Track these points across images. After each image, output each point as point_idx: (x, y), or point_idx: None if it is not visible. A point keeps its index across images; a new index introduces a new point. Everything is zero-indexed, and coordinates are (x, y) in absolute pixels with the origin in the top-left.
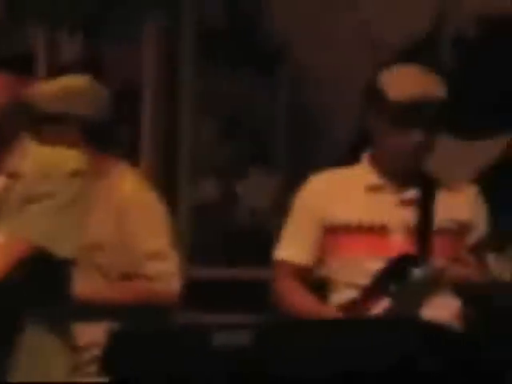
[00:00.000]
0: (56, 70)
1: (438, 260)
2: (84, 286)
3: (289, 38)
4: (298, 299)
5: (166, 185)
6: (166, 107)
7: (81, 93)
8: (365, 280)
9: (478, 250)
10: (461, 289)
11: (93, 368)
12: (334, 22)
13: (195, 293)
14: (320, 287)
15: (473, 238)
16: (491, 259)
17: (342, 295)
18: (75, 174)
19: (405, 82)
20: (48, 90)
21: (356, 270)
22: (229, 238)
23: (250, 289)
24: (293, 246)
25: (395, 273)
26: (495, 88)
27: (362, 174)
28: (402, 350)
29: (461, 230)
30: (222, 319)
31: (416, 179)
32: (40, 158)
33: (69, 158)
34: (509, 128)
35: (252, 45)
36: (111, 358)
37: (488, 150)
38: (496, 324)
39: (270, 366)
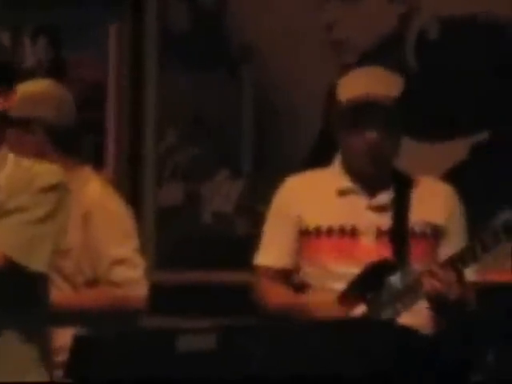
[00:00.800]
0: (20, 75)
1: (413, 264)
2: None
3: (254, 39)
4: (284, 297)
5: (131, 188)
6: (131, 110)
7: (45, 97)
8: (337, 284)
9: (455, 264)
10: (434, 303)
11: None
12: (299, 24)
13: (160, 297)
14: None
15: (449, 245)
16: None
17: None
18: (51, 188)
19: (355, 83)
20: None
21: (327, 273)
22: (193, 241)
23: (214, 292)
24: (272, 251)
25: (372, 279)
26: (458, 89)
27: (334, 176)
28: (375, 354)
29: (434, 233)
30: (187, 323)
31: (388, 182)
32: (16, 171)
33: (45, 172)
34: (473, 128)
35: (217, 46)
36: (76, 363)
37: (453, 152)
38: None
39: (235, 370)
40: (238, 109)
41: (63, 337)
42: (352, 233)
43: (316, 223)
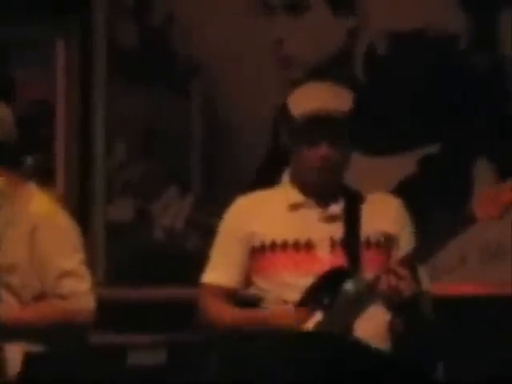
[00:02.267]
0: None
1: (368, 273)
2: None
3: (202, 54)
4: (227, 314)
5: (81, 204)
6: (80, 127)
7: None
8: (295, 297)
9: (409, 262)
10: (391, 300)
11: None
12: (248, 39)
13: (110, 313)
14: (251, 306)
15: (401, 250)
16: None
17: None
18: None
19: (306, 99)
20: None
21: (285, 287)
22: (144, 257)
23: (164, 308)
24: (219, 269)
25: (327, 286)
26: (407, 103)
27: (284, 192)
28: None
29: (388, 242)
30: (137, 339)
31: (339, 195)
32: None
33: None
34: (420, 142)
35: (165, 62)
36: (27, 379)
37: (403, 165)
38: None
39: None
40: (187, 124)
41: (11, 352)
42: (307, 246)
43: (271, 238)
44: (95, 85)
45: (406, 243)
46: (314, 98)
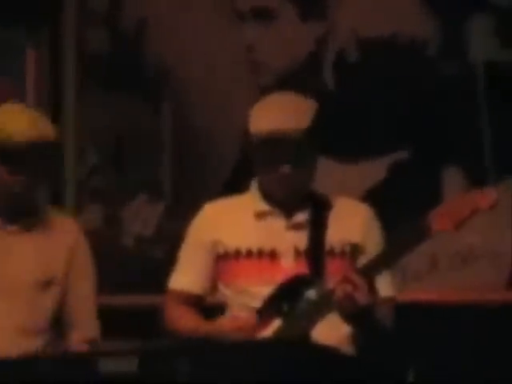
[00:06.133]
0: None
1: (330, 281)
2: None
3: (172, 62)
4: (188, 322)
5: None
6: None
7: None
8: (257, 304)
9: (367, 270)
10: (345, 309)
11: None
12: (218, 46)
13: None
14: (214, 313)
15: (367, 259)
16: (381, 279)
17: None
18: None
19: (264, 117)
20: None
21: (248, 295)
22: (113, 264)
23: (133, 315)
24: (185, 275)
25: (287, 293)
26: (377, 110)
27: (251, 200)
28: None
29: (353, 252)
30: (107, 346)
31: (305, 203)
32: None
33: None
34: (390, 148)
35: (135, 69)
36: None
37: (373, 171)
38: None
39: None
40: (157, 132)
41: None
42: (271, 254)
43: (235, 246)
44: (65, 92)
45: (372, 251)
46: (270, 118)
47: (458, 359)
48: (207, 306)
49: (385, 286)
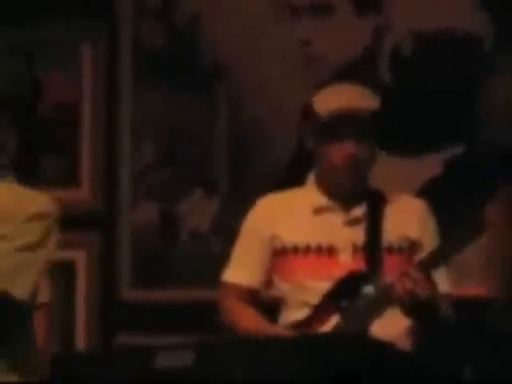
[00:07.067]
0: None
1: (388, 277)
2: None
3: (228, 56)
4: (246, 319)
5: (107, 207)
6: (105, 130)
7: None
8: (315, 300)
9: (425, 265)
10: (406, 304)
11: None
12: (273, 41)
13: (136, 314)
14: (271, 307)
15: (424, 254)
16: (437, 274)
17: (294, 314)
18: (39, 216)
19: (332, 97)
20: None
21: (306, 291)
22: (170, 260)
23: (191, 310)
24: (241, 269)
25: (345, 290)
26: (432, 104)
27: (309, 195)
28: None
29: (411, 248)
30: (164, 341)
31: (362, 197)
32: (7, 198)
33: (34, 199)
34: (446, 143)
35: (191, 64)
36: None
37: (428, 166)
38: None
39: None
40: (212, 126)
41: None
42: (329, 250)
43: (293, 242)
44: (121, 86)
45: (429, 246)
46: (340, 96)
47: None
48: (263, 302)
49: (441, 281)
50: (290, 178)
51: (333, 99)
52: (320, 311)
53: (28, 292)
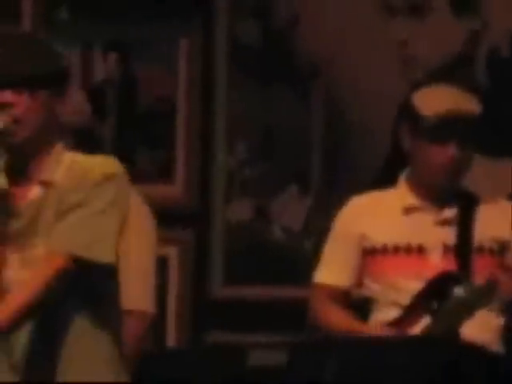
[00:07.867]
0: (90, 89)
1: (480, 279)
2: None
3: (324, 54)
4: (337, 320)
5: (201, 203)
6: (201, 125)
7: None
8: (406, 300)
9: None
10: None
11: None
12: (369, 42)
13: (228, 312)
14: (360, 307)
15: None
16: None
17: (384, 314)
18: (106, 179)
19: (438, 98)
20: None
21: (396, 291)
22: (262, 256)
23: (283, 308)
24: (332, 269)
25: (436, 291)
26: None
27: (399, 195)
28: (439, 369)
29: (501, 249)
30: (256, 339)
31: (454, 198)
32: (72, 167)
33: (99, 164)
34: None
35: (286, 62)
36: (141, 379)
37: None
38: None
39: None
40: (306, 124)
41: None
42: (419, 250)
43: (382, 242)
44: (216, 84)
45: None
46: (446, 99)
47: None
48: (353, 302)
49: None
50: (384, 177)
51: (439, 101)
52: (411, 312)
53: (110, 255)
